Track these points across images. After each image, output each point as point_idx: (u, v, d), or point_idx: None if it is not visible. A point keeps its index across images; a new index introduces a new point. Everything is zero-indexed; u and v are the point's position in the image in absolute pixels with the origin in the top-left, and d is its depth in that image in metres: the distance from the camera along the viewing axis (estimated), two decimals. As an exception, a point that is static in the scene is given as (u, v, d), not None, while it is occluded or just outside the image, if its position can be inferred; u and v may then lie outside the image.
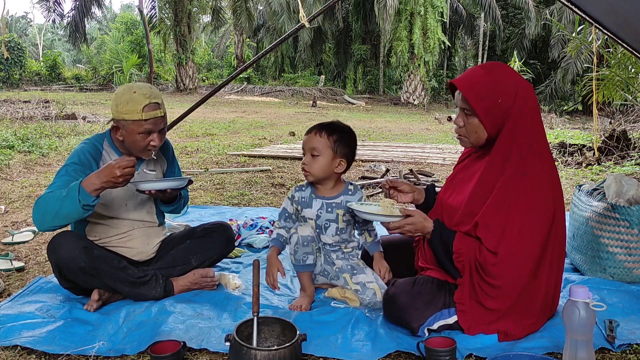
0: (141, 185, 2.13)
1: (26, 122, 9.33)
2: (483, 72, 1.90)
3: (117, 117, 2.11)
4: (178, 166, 2.53)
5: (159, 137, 2.16)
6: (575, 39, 6.95)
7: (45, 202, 1.99)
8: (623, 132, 7.21)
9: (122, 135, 2.15)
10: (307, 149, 2.16)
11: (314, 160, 2.14)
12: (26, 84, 25.17)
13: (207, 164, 6.22)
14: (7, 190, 4.51)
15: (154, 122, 2.11)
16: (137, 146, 2.15)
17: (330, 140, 2.14)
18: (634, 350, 1.84)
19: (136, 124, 2.08)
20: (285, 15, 24.02)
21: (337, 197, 2.23)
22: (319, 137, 2.14)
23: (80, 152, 2.17)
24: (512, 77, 1.88)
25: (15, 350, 1.80)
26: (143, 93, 2.08)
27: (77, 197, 1.93)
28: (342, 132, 2.17)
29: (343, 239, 2.27)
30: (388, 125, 12.84)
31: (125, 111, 2.07)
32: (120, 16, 38.80)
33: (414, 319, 1.88)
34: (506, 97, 1.83)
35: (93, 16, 24.21)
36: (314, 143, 2.14)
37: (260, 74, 30.87)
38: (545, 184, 1.86)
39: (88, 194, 1.94)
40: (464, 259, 1.86)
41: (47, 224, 2.01)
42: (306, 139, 2.18)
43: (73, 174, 2.08)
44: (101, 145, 2.23)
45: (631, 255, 2.46)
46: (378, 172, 5.76)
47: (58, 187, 2.04)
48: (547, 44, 21.16)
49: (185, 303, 2.17)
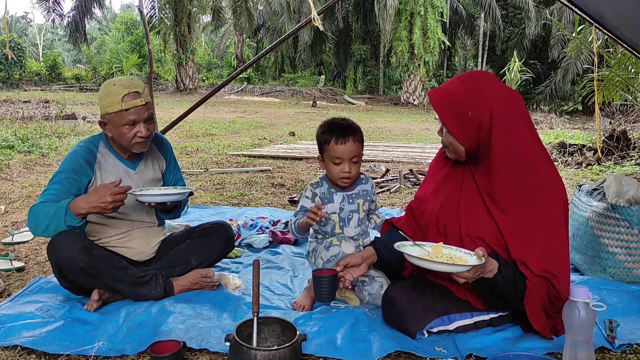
0: (141, 196, 2.12)
1: (26, 122, 9.33)
2: (458, 82, 1.84)
3: (102, 112, 2.13)
4: (178, 167, 2.52)
5: (145, 127, 2.13)
6: (575, 39, 6.95)
7: (37, 214, 2.05)
8: (623, 132, 7.21)
9: (110, 131, 2.16)
10: (347, 157, 2.14)
11: (355, 165, 2.18)
12: (26, 84, 25.17)
13: (207, 164, 6.22)
14: (7, 190, 4.51)
15: (135, 112, 2.10)
16: (125, 139, 2.14)
17: (361, 141, 2.19)
18: (634, 350, 1.84)
19: (118, 115, 2.09)
20: (285, 15, 24.00)
21: (354, 187, 2.27)
22: (357, 143, 2.16)
23: (74, 157, 2.16)
24: (488, 88, 1.79)
25: (15, 350, 1.80)
26: (122, 84, 2.10)
27: (64, 218, 2.01)
28: (359, 128, 2.21)
29: (363, 230, 2.31)
30: (388, 125, 12.84)
31: (107, 104, 2.09)
32: (120, 16, 38.81)
33: (413, 324, 1.87)
34: (478, 110, 1.76)
35: (93, 16, 24.20)
36: (355, 151, 2.15)
37: (260, 74, 30.87)
38: (561, 191, 1.83)
39: (74, 217, 2.01)
40: (533, 286, 1.74)
41: (40, 233, 2.09)
42: (345, 148, 2.13)
43: (65, 183, 2.11)
44: (96, 148, 2.23)
45: (631, 255, 2.46)
46: (378, 172, 5.76)
47: (50, 195, 2.09)
48: (547, 44, 21.14)
49: (185, 303, 2.17)
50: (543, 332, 1.81)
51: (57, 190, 2.09)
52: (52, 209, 2.02)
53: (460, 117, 1.79)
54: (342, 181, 2.19)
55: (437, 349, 1.81)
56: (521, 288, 1.74)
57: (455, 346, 1.83)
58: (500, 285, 1.74)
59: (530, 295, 1.75)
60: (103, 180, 2.18)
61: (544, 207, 1.79)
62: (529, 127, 1.84)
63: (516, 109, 1.82)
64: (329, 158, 2.18)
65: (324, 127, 2.21)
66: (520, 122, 1.82)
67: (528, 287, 1.74)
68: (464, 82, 1.82)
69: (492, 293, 1.80)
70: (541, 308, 1.80)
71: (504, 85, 1.86)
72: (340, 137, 2.13)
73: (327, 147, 2.16)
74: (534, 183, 1.80)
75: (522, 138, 1.81)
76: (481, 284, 1.74)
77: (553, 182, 1.83)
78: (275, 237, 3.18)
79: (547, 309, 1.82)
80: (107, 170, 2.22)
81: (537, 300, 1.77)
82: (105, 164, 2.22)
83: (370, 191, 2.32)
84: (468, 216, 1.89)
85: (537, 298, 1.76)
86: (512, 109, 1.81)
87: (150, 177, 2.33)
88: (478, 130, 1.78)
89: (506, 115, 1.79)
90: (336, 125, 2.18)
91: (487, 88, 1.80)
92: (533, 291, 1.75)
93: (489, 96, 1.78)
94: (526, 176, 1.80)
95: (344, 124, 2.18)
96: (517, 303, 1.78)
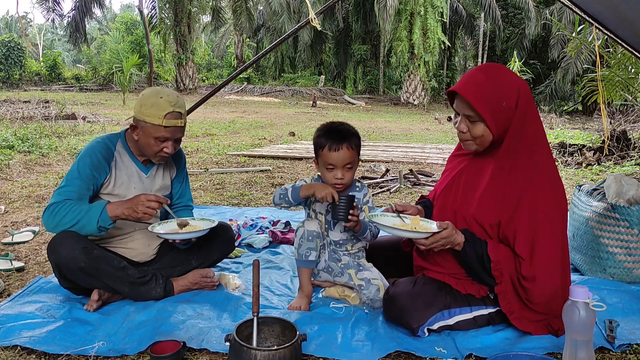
0: (165, 235, 2.12)
1: (26, 122, 9.33)
2: (482, 75, 1.87)
3: (138, 117, 2.13)
4: (188, 180, 2.53)
5: (173, 145, 2.17)
6: (575, 39, 6.95)
7: (62, 212, 2.04)
8: (623, 132, 7.21)
9: (138, 135, 2.16)
10: (340, 165, 2.13)
11: (349, 172, 2.16)
12: (26, 84, 25.18)
13: (207, 164, 6.22)
14: (7, 190, 4.51)
15: (172, 131, 2.12)
16: (149, 149, 2.16)
17: (357, 148, 2.16)
18: (634, 350, 1.84)
19: (155, 128, 2.10)
20: (285, 15, 24.03)
21: (346, 193, 2.24)
22: (351, 151, 2.13)
23: (92, 152, 2.16)
24: (511, 77, 1.86)
25: (15, 350, 1.80)
26: (169, 100, 2.10)
27: (97, 218, 2.02)
28: (356, 134, 2.18)
29: (349, 237, 2.28)
30: (388, 125, 12.85)
31: (147, 113, 2.09)
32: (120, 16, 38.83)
33: (414, 319, 1.88)
34: (509, 99, 1.82)
35: (93, 16, 24.21)
36: (349, 158, 2.12)
37: (260, 74, 30.89)
38: (558, 179, 1.89)
39: (108, 218, 2.04)
40: (502, 267, 1.84)
41: (59, 230, 2.07)
42: (338, 155, 2.10)
43: (85, 179, 2.11)
44: (114, 146, 2.23)
45: (631, 255, 2.46)
46: (378, 172, 5.76)
47: (70, 193, 2.08)
48: (547, 44, 21.15)
49: (185, 303, 2.17)
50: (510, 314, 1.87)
51: (78, 188, 2.09)
52: (84, 208, 2.04)
53: (496, 107, 1.82)
54: (334, 186, 2.17)
55: (437, 349, 1.81)
56: (489, 266, 1.86)
57: (455, 346, 1.83)
58: (469, 256, 1.89)
59: (500, 275, 1.85)
60: (116, 179, 2.19)
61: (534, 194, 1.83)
62: (538, 115, 1.91)
63: (532, 95, 1.91)
64: (322, 163, 2.16)
65: (320, 131, 2.18)
66: (534, 111, 1.89)
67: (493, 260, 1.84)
68: (490, 75, 1.86)
69: (467, 265, 1.93)
70: (512, 291, 1.86)
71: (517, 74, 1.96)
72: (335, 144, 2.10)
73: (321, 153, 2.14)
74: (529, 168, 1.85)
75: (533, 125, 1.87)
76: (456, 256, 1.94)
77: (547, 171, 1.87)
78: (275, 237, 3.18)
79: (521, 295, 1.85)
80: (122, 169, 2.22)
81: (507, 281, 1.86)
82: (121, 163, 2.23)
83: (362, 200, 2.28)
84: (464, 197, 1.97)
85: (507, 279, 1.85)
86: (530, 94, 1.89)
87: (159, 184, 2.33)
88: (509, 118, 1.83)
89: (527, 101, 1.85)
90: (332, 131, 2.15)
91: (513, 78, 1.87)
92: (503, 272, 1.84)
93: (516, 84, 1.84)
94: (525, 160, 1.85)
95: (340, 130, 2.15)
96: (489, 279, 1.89)
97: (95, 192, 2.17)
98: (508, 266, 1.84)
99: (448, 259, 1.97)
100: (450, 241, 1.86)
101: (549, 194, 1.85)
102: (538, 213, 1.82)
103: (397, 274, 2.25)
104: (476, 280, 1.95)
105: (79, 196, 2.09)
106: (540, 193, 1.83)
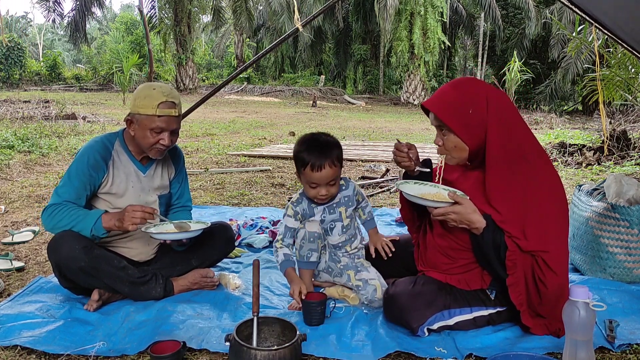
0: (157, 235, 2.11)
1: (26, 122, 9.33)
2: (450, 88, 1.89)
3: (132, 111, 2.14)
4: (187, 181, 2.52)
5: (169, 137, 2.16)
6: (575, 39, 6.95)
7: (59, 216, 2.05)
8: (623, 132, 7.21)
9: (134, 130, 2.16)
10: (323, 183, 2.10)
11: (332, 187, 2.14)
12: (26, 84, 25.17)
13: (207, 164, 6.22)
14: (7, 190, 4.51)
15: (166, 120, 2.12)
16: (146, 142, 2.15)
17: (338, 162, 2.12)
18: (634, 350, 1.84)
19: (149, 119, 2.10)
20: (285, 15, 24.03)
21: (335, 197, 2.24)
22: (333, 168, 2.08)
23: (90, 151, 2.16)
24: (479, 88, 1.86)
25: (15, 350, 1.80)
26: (162, 91, 2.12)
27: (91, 227, 2.04)
28: (337, 145, 2.13)
29: (350, 236, 2.29)
30: (388, 125, 12.85)
31: (141, 105, 2.10)
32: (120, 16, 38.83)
33: (414, 319, 1.89)
34: (477, 107, 1.81)
35: (93, 16, 24.21)
36: (332, 175, 2.09)
37: (260, 74, 30.89)
38: (558, 180, 1.88)
39: (102, 228, 2.05)
40: (516, 257, 1.80)
41: (57, 231, 2.09)
42: (321, 175, 2.06)
43: (83, 179, 2.11)
44: (112, 145, 2.23)
45: (631, 255, 2.46)
46: (378, 172, 5.76)
47: (69, 194, 2.09)
48: (547, 44, 21.15)
49: (185, 303, 2.17)
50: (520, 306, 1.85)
51: (76, 190, 2.10)
52: (80, 214, 2.05)
53: (462, 116, 1.82)
54: (320, 200, 2.16)
55: (437, 349, 1.81)
56: (504, 255, 1.82)
57: (455, 346, 1.83)
58: (485, 243, 1.83)
59: (513, 267, 1.80)
60: (114, 178, 2.19)
61: (534, 194, 1.83)
62: (520, 120, 1.90)
63: (508, 102, 1.89)
64: (305, 181, 2.13)
65: (300, 146, 2.11)
66: (512, 116, 1.87)
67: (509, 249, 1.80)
68: (456, 86, 1.88)
69: (480, 250, 1.87)
70: (524, 284, 1.83)
71: (490, 85, 1.94)
72: (317, 164, 2.04)
73: (303, 172, 2.10)
74: (523, 174, 1.84)
75: (515, 131, 1.86)
76: (472, 240, 1.88)
77: (544, 173, 1.86)
78: (275, 237, 3.18)
79: (531, 291, 1.83)
80: (119, 169, 2.22)
81: (520, 274, 1.82)
82: (119, 162, 2.22)
83: (352, 196, 2.27)
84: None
85: (520, 272, 1.81)
86: (505, 101, 1.88)
87: (158, 183, 2.33)
88: (481, 127, 1.82)
89: (500, 108, 1.84)
90: (312, 146, 2.08)
91: (480, 87, 1.87)
92: (517, 263, 1.80)
93: (484, 92, 1.84)
94: (515, 166, 1.84)
95: (321, 144, 2.08)
96: (500, 270, 1.84)
97: (93, 192, 2.17)
98: (522, 258, 1.81)
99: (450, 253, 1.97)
100: (464, 219, 1.80)
101: (548, 194, 1.85)
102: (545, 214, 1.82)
103: (397, 274, 2.25)
104: (486, 269, 1.92)
105: (77, 196, 2.10)
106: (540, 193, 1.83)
